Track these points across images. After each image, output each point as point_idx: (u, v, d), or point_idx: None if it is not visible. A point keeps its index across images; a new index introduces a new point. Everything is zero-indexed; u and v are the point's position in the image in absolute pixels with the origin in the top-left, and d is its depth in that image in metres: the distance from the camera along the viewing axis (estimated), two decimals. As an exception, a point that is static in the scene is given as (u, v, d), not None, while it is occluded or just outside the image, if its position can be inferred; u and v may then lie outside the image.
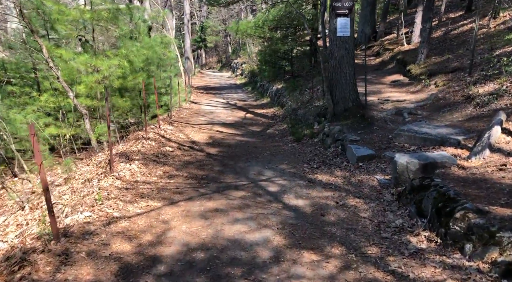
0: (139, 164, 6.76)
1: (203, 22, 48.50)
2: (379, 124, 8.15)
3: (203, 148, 8.65)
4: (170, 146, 8.52)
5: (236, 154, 8.17)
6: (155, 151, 7.77)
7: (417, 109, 8.81)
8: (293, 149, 8.48)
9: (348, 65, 8.95)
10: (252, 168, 7.01)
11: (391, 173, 5.88)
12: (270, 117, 13.16)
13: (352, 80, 9.05)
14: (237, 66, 34.50)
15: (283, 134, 10.31)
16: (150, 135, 8.98)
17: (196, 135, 10.01)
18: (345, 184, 5.89)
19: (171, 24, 27.85)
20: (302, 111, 11.26)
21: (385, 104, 9.66)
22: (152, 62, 10.88)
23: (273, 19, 16.37)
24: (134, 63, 9.50)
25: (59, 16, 8.32)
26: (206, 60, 57.50)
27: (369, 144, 7.13)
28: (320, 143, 8.58)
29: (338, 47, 8.91)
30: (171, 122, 11.33)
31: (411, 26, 19.37)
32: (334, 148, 7.71)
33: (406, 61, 14.23)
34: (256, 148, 8.79)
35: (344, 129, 7.91)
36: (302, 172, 6.67)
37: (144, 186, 5.79)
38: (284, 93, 15.32)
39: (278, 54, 17.59)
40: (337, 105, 9.07)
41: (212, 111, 14.77)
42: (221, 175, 6.59)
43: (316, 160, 7.27)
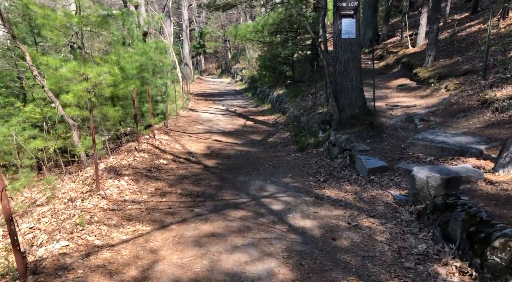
0: (129, 179, 6.18)
1: (202, 28, 48.14)
2: (389, 132, 7.56)
3: (200, 160, 8.07)
4: (165, 158, 7.94)
5: (236, 166, 7.58)
6: (147, 164, 7.19)
7: (429, 115, 8.23)
8: (297, 160, 7.89)
9: (354, 69, 8.38)
10: (253, 182, 6.42)
11: (409, 188, 5.29)
12: (272, 125, 12.59)
13: (359, 85, 8.48)
14: (236, 72, 34.03)
15: (285, 143, 9.72)
16: (143, 146, 8.40)
17: (193, 146, 9.43)
18: (356, 201, 5.29)
19: (169, 30, 27.40)
20: (305, 119, 10.69)
21: (394, 110, 9.08)
22: (146, 69, 10.33)
23: (273, 23, 15.86)
24: (126, 70, 8.95)
25: (45, 21, 7.79)
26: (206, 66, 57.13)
27: (380, 154, 6.54)
28: (326, 152, 7.99)
29: (343, 50, 8.35)
30: (167, 132, 10.76)
31: (415, 28, 18.86)
32: (341, 159, 7.12)
33: (413, 64, 13.68)
34: (257, 158, 8.20)
35: (352, 138, 7.33)
36: (308, 186, 6.07)
37: (133, 206, 5.20)
38: (285, 100, 14.76)
39: (279, 59, 17.07)
40: (343, 112, 8.50)
41: (210, 119, 14.20)
42: (219, 191, 6.00)
43: (322, 172, 6.68)
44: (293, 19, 15.96)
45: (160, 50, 12.27)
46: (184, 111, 15.49)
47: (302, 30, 16.15)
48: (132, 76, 9.86)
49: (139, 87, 9.80)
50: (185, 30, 36.80)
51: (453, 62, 11.45)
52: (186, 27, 36.89)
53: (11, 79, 8.51)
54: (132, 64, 9.14)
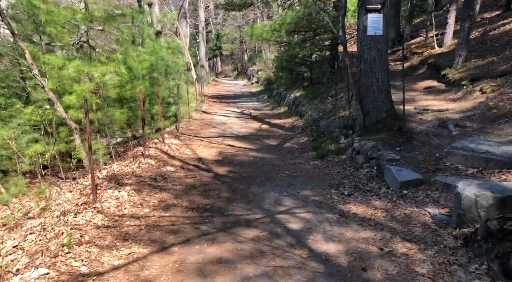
0: (131, 190, 5.58)
1: (219, 30, 47.82)
2: (420, 139, 6.78)
3: (211, 167, 7.43)
4: (173, 164, 7.34)
5: (249, 174, 6.92)
6: (153, 172, 6.59)
7: (464, 121, 7.40)
8: (317, 168, 7.17)
9: (381, 69, 7.63)
10: (268, 194, 5.73)
11: (449, 206, 4.52)
12: (288, 129, 11.89)
13: (386, 86, 7.71)
14: (252, 74, 33.46)
15: (303, 149, 9.01)
16: (151, 152, 7.82)
17: (204, 151, 8.81)
18: (388, 220, 4.55)
19: (185, 31, 27.04)
20: (325, 123, 9.95)
21: (424, 115, 8.27)
22: (156, 69, 9.78)
23: (291, 22, 15.17)
24: (134, 70, 8.41)
25: (48, 17, 7.30)
26: (222, 68, 56.85)
27: (412, 164, 5.78)
28: (349, 161, 7.25)
29: (369, 48, 7.61)
30: (177, 135, 10.18)
31: (441, 28, 17.88)
32: (367, 169, 6.37)
33: (440, 66, 12.79)
34: (273, 166, 7.52)
35: (379, 146, 6.57)
36: (331, 200, 5.35)
37: (131, 222, 4.58)
38: (302, 102, 14.04)
39: (296, 60, 16.36)
40: (367, 116, 7.74)
41: (224, 122, 13.59)
42: (230, 204, 5.34)
43: (346, 184, 5.95)
44: (312, 18, 15.25)
45: (172, 50, 11.74)
46: (197, 113, 14.94)
47: (321, 29, 15.42)
48: (141, 77, 9.33)
49: (148, 89, 9.26)
50: (201, 32, 36.47)
51: (487, 62, 10.54)
52: (202, 29, 36.56)
53: (14, 79, 8.06)
54: (140, 64, 8.60)
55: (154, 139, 9.21)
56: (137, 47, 9.75)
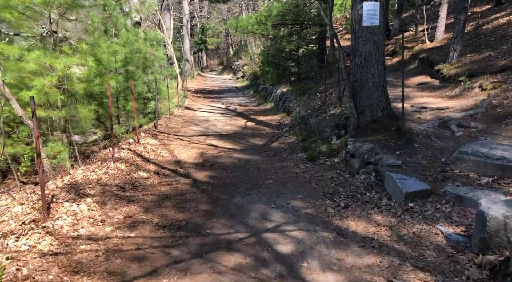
0: (93, 202, 4.77)
1: (204, 24, 46.69)
2: (421, 141, 6.13)
3: (190, 172, 6.65)
4: (146, 169, 6.53)
5: (232, 180, 6.16)
6: (122, 179, 5.77)
7: (467, 120, 6.80)
8: (308, 173, 6.46)
9: (377, 63, 6.95)
10: (254, 206, 5.00)
11: (466, 223, 3.87)
12: (275, 127, 11.17)
13: (382, 82, 7.05)
14: (238, 69, 32.61)
15: (292, 149, 8.30)
16: (123, 154, 6.99)
17: (184, 153, 8.01)
18: (394, 240, 3.87)
19: (169, 24, 25.95)
20: (315, 121, 9.26)
21: (423, 113, 7.64)
22: (131, 62, 8.90)
23: (277, 14, 14.38)
24: (104, 63, 7.53)
25: (1, 1, 6.36)
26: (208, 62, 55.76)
27: (416, 171, 5.12)
28: (342, 164, 6.57)
29: (364, 41, 6.92)
30: (155, 134, 9.35)
31: (430, 22, 17.38)
32: (364, 175, 5.69)
33: (433, 60, 12.24)
34: (259, 170, 6.79)
35: (377, 149, 5.90)
36: (325, 214, 4.65)
37: (87, 246, 3.79)
38: (290, 98, 13.33)
39: (283, 54, 15.62)
40: (362, 114, 7.07)
41: (207, 118, 12.78)
42: (209, 219, 4.58)
43: (342, 194, 5.25)
44: (300, 10, 14.51)
45: (150, 42, 10.84)
46: (179, 110, 14.09)
47: (309, 22, 14.69)
48: (114, 70, 8.45)
49: (122, 83, 8.38)
50: (185, 25, 35.36)
51: (484, 57, 10.00)
52: (187, 22, 35.45)
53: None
54: (112, 56, 7.72)
55: (129, 139, 8.37)
56: (110, 38, 8.83)
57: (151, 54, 11.61)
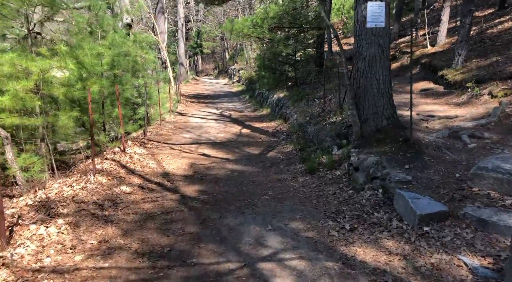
0: (64, 223, 4.19)
1: (199, 28, 46.23)
2: (431, 154, 5.61)
3: (178, 186, 6.07)
4: (130, 183, 5.94)
5: (225, 196, 5.60)
6: (101, 195, 5.19)
7: (480, 131, 6.29)
8: (307, 187, 5.91)
9: (382, 68, 6.44)
10: (247, 228, 4.43)
11: (494, 254, 3.33)
12: (271, 134, 10.62)
13: (387, 89, 6.53)
14: (234, 73, 32.11)
15: (289, 160, 7.76)
16: (105, 165, 6.41)
17: (173, 163, 7.43)
18: (410, 273, 3.32)
19: (163, 27, 25.47)
20: (314, 129, 8.72)
21: (430, 122, 7.13)
22: (118, 65, 8.33)
23: (274, 17, 13.90)
24: (86, 66, 6.96)
25: (-28, -3, 5.81)
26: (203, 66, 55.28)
27: (429, 188, 4.58)
28: (345, 178, 6.03)
29: (368, 44, 6.41)
30: (143, 143, 8.77)
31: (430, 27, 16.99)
32: (370, 191, 5.15)
33: (436, 66, 11.77)
34: (254, 184, 6.23)
35: (383, 162, 5.36)
36: (329, 238, 4.09)
37: (50, 281, 3.20)
38: (287, 104, 12.81)
39: (279, 58, 15.11)
40: (365, 123, 6.54)
41: (201, 125, 12.22)
42: (196, 245, 4.01)
43: (346, 213, 4.70)
44: (297, 13, 14.03)
45: (140, 44, 10.30)
46: (171, 115, 13.51)
47: (307, 25, 14.22)
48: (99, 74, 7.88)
49: (107, 88, 7.81)
50: (180, 28, 34.94)
51: (491, 62, 9.53)
52: (182, 25, 35.02)
53: None
54: (95, 58, 7.15)
55: (114, 148, 7.78)
56: (96, 40, 8.27)
57: (141, 58, 11.07)
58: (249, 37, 15.53)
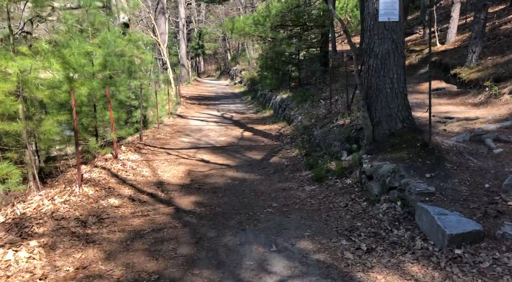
0: (38, 246, 3.64)
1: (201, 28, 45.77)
2: (453, 160, 5.03)
3: (172, 197, 5.52)
4: (120, 194, 5.40)
5: (224, 209, 5.04)
6: (86, 209, 4.64)
7: (505, 134, 5.71)
8: (315, 198, 5.35)
9: (396, 66, 5.87)
10: (249, 248, 3.87)
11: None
12: (275, 137, 10.06)
13: (402, 89, 5.96)
14: (236, 74, 31.57)
15: (295, 166, 7.20)
16: (94, 174, 5.87)
17: (168, 171, 6.88)
18: (444, 310, 2.75)
19: (164, 28, 25.00)
20: (320, 132, 8.15)
21: (448, 125, 6.56)
22: (111, 66, 7.81)
23: (277, 14, 13.34)
24: (74, 66, 6.44)
25: None
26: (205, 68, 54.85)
27: (456, 202, 4.01)
28: (357, 187, 5.46)
29: (381, 39, 5.84)
30: (139, 148, 8.23)
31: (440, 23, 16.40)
32: (387, 204, 4.58)
33: (447, 64, 11.20)
34: (256, 194, 5.67)
35: (401, 170, 4.79)
36: (343, 261, 3.53)
37: (8, 324, 2.66)
38: (290, 105, 12.26)
39: (282, 58, 14.54)
40: (378, 126, 5.97)
41: (200, 128, 11.67)
42: (188, 271, 3.45)
43: (361, 230, 4.13)
44: (301, 11, 13.46)
45: (135, 44, 9.77)
46: (170, 118, 12.98)
47: (312, 23, 13.65)
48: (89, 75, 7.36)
49: (98, 90, 7.28)
50: (181, 29, 34.49)
51: (509, 60, 8.94)
52: (183, 26, 34.57)
53: None
54: (84, 58, 6.62)
55: (106, 154, 7.25)
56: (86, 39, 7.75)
57: (137, 58, 10.56)
58: (250, 36, 14.96)
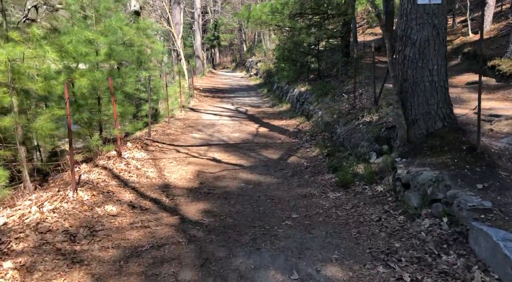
0: (12, 268, 3.05)
1: (217, 19, 45.03)
2: (508, 167, 4.24)
3: (178, 204, 4.88)
4: (119, 199, 4.78)
5: (235, 220, 4.37)
6: (78, 219, 4.04)
7: None
8: (341, 209, 4.63)
9: (437, 55, 5.07)
10: (265, 273, 3.20)
11: None
12: (293, 134, 9.34)
13: (443, 82, 5.17)
14: (251, 66, 30.79)
15: (316, 168, 6.48)
16: (93, 175, 5.27)
17: (176, 171, 6.25)
18: None
19: (178, 18, 24.43)
20: (344, 130, 7.38)
21: (495, 124, 5.71)
22: (116, 55, 7.20)
23: (295, 2, 12.50)
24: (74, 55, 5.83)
25: None
26: (220, 59, 54.22)
27: (522, 222, 3.24)
28: (390, 196, 4.71)
29: (420, 24, 5.04)
30: (146, 144, 7.62)
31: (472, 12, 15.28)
32: (430, 220, 3.84)
33: (484, 55, 10.20)
34: (273, 201, 4.98)
35: (446, 178, 4.03)
36: (382, 298, 2.82)
37: None
38: (309, 99, 11.48)
39: (301, 48, 13.71)
40: (414, 125, 5.20)
41: (213, 122, 11.02)
42: (191, 306, 2.81)
43: (401, 253, 3.40)
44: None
45: (144, 32, 9.14)
46: (182, 111, 12.36)
47: (333, 11, 12.79)
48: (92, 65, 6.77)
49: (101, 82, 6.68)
50: (197, 20, 33.86)
51: (558, 50, 7.97)
52: (198, 17, 33.91)
53: None
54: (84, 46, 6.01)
55: (110, 152, 6.66)
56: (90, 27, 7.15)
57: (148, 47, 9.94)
58: (267, 26, 14.16)
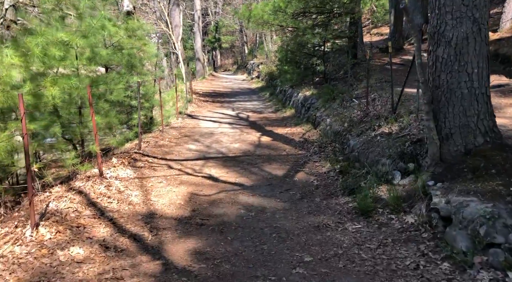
0: None
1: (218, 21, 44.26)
2: None
3: (163, 241, 3.98)
4: (90, 237, 3.88)
5: (233, 266, 3.47)
6: (27, 271, 3.14)
7: None
8: (365, 248, 3.72)
9: (478, 56, 4.18)
10: None
11: None
12: (298, 144, 8.44)
13: (485, 89, 4.28)
14: (253, 68, 29.93)
15: (327, 187, 5.58)
16: (62, 204, 4.38)
17: (165, 194, 5.35)
18: None
19: (178, 21, 23.71)
20: (359, 142, 6.47)
21: (544, 137, 4.81)
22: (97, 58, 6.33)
23: (299, 0, 11.62)
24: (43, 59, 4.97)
25: None
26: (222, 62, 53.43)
27: None
28: (425, 230, 3.79)
29: (457, 19, 4.15)
30: (134, 159, 6.73)
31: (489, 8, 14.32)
32: (487, 272, 2.92)
33: (506, 55, 9.33)
34: (279, 236, 4.08)
35: (503, 213, 3.13)
36: None
37: None
38: (315, 104, 10.59)
39: (305, 49, 12.84)
40: (448, 140, 4.30)
41: (212, 131, 10.13)
42: None
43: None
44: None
45: (134, 32, 8.28)
46: (179, 119, 11.48)
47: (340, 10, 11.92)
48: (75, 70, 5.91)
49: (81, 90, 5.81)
50: (197, 21, 33.06)
51: None
52: (198, 18, 33.11)
53: None
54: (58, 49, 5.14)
55: (90, 170, 5.77)
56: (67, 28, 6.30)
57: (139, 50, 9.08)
58: (269, 26, 13.28)
